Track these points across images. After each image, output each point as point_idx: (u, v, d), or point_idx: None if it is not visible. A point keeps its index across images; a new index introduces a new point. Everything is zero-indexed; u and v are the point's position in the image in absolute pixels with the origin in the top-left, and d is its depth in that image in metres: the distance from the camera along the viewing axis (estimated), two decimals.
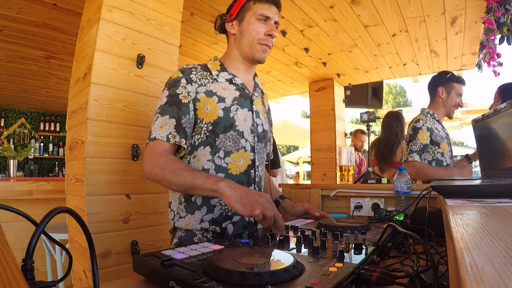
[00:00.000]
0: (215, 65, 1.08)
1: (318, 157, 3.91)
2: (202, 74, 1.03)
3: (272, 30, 1.04)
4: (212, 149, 0.99)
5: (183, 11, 1.62)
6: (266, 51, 1.06)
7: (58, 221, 2.04)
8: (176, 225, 1.00)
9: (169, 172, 0.88)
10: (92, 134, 1.24)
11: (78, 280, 1.30)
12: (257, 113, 1.08)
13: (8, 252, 0.26)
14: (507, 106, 0.97)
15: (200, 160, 0.99)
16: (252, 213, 0.75)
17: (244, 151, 1.02)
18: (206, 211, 0.97)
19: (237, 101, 1.03)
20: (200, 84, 1.01)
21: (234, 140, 1.00)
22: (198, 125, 1.00)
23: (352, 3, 2.26)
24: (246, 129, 1.03)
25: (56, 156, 6.15)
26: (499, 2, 1.91)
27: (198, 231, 0.98)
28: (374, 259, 0.64)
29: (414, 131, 2.02)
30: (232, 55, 1.10)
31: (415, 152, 1.97)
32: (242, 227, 1.01)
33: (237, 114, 1.02)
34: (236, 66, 1.10)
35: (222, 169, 0.99)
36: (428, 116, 2.05)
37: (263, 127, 1.10)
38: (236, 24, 1.07)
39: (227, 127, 0.99)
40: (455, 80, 2.04)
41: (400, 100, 23.81)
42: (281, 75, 3.81)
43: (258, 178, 1.06)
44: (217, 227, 0.97)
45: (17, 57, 3.27)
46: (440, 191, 0.78)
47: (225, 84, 1.05)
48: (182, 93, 0.98)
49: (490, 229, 0.30)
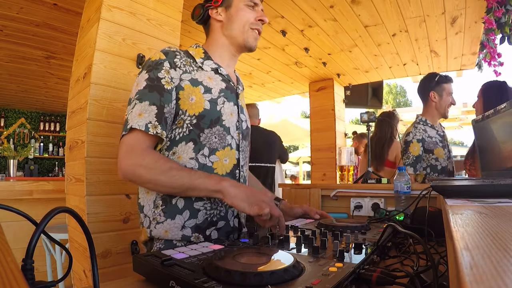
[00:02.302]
0: (198, 53, 0.99)
1: (318, 157, 3.91)
2: (186, 60, 0.94)
3: (262, 16, 1.02)
4: (196, 146, 0.89)
5: (183, 11, 1.62)
6: (257, 37, 1.03)
7: (58, 221, 2.04)
8: (153, 233, 0.87)
9: (160, 173, 0.79)
10: (92, 134, 1.23)
11: (78, 280, 1.30)
12: (242, 108, 1.02)
13: (8, 252, 0.26)
14: (507, 106, 0.97)
15: (180, 157, 0.88)
16: (260, 212, 0.74)
17: (230, 149, 0.94)
18: (188, 216, 0.87)
19: (223, 93, 0.95)
20: (184, 71, 0.91)
21: (220, 136, 0.91)
22: (180, 117, 0.88)
23: (352, 3, 2.25)
24: (232, 124, 0.95)
25: (56, 156, 6.15)
26: (500, 2, 1.90)
27: (179, 242, 0.87)
28: (374, 259, 0.64)
29: (405, 145, 2.11)
30: (218, 43, 1.03)
31: (408, 165, 2.06)
32: (226, 233, 0.93)
33: (224, 108, 0.93)
34: (220, 55, 1.03)
35: (206, 168, 0.89)
36: (419, 126, 2.10)
37: (247, 124, 1.05)
38: (222, 11, 1.01)
39: (213, 121, 0.90)
40: (444, 81, 2.09)
41: (400, 100, 23.80)
42: (281, 75, 3.81)
43: (242, 179, 0.99)
44: (201, 235, 0.88)
45: (17, 57, 3.27)
46: (440, 191, 0.78)
47: (211, 74, 0.97)
48: (164, 77, 0.86)
49: (490, 229, 0.30)
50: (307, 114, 8.86)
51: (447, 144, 2.14)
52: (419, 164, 2.06)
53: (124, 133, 0.82)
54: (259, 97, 4.84)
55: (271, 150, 2.99)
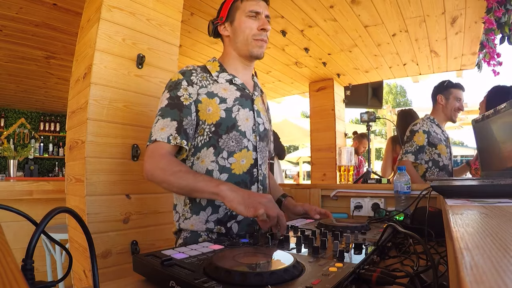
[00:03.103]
0: (214, 66, 1.09)
1: (318, 157, 3.91)
2: (203, 75, 1.04)
3: (264, 24, 1.05)
4: (216, 150, 0.99)
5: (183, 11, 1.62)
6: (262, 46, 1.06)
7: (58, 221, 2.04)
8: (181, 226, 1.01)
9: (170, 174, 0.88)
10: (92, 134, 1.23)
11: (78, 280, 1.30)
12: (258, 112, 1.09)
13: (8, 252, 0.26)
14: (507, 106, 0.97)
15: (203, 162, 1.00)
16: (255, 213, 0.76)
17: (247, 150, 1.03)
18: (211, 212, 0.98)
19: (238, 101, 1.04)
20: (201, 86, 1.01)
21: (236, 140, 1.01)
22: (201, 127, 1.00)
23: (352, 3, 2.25)
24: (248, 128, 1.04)
25: (56, 156, 6.15)
26: (499, 2, 1.91)
27: (203, 232, 0.98)
28: (374, 259, 0.64)
29: (411, 133, 2.20)
30: (230, 56, 1.10)
31: (410, 152, 2.14)
32: (247, 225, 1.02)
33: (238, 114, 1.02)
34: (235, 67, 1.10)
35: (225, 169, 0.99)
36: (427, 120, 2.23)
37: (264, 126, 1.11)
38: (228, 26, 1.08)
39: (229, 127, 1.00)
40: (452, 86, 2.24)
41: (400, 100, 23.80)
42: (281, 75, 3.81)
43: (261, 176, 1.07)
44: (222, 227, 0.98)
45: (17, 57, 3.26)
46: (440, 191, 0.78)
47: (226, 85, 1.05)
48: (183, 95, 0.98)
49: (490, 229, 0.31)
50: (307, 114, 8.86)
51: (450, 147, 2.24)
52: (421, 154, 2.13)
53: (149, 143, 0.95)
54: None
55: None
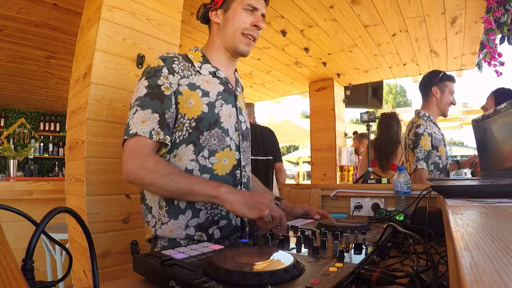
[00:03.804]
0: (197, 56, 1.01)
1: (318, 157, 3.91)
2: (184, 64, 0.95)
3: (259, 21, 0.99)
4: (196, 148, 0.91)
5: (183, 11, 1.62)
6: (250, 44, 1.00)
7: (58, 221, 2.04)
8: (157, 233, 0.90)
9: (160, 177, 0.81)
10: (92, 134, 1.23)
11: (78, 280, 1.30)
12: (240, 109, 1.03)
13: (8, 252, 0.26)
14: (507, 106, 0.97)
15: (181, 160, 0.91)
16: (261, 214, 0.74)
17: (229, 150, 0.96)
18: (191, 216, 0.89)
19: (221, 96, 0.97)
20: (182, 76, 0.93)
21: (219, 138, 0.93)
22: (180, 121, 0.91)
23: (352, 3, 2.25)
24: (230, 126, 0.97)
25: (56, 156, 6.15)
26: (499, 2, 1.90)
27: (183, 240, 0.90)
28: (374, 259, 0.64)
29: (416, 137, 1.99)
30: (215, 46, 1.03)
31: (422, 159, 1.95)
32: (229, 231, 0.95)
33: (222, 110, 0.95)
34: (218, 58, 1.03)
35: (207, 169, 0.91)
36: (427, 121, 2.02)
37: (246, 125, 1.06)
38: (220, 13, 1.01)
39: (211, 124, 0.92)
40: (447, 79, 2.05)
41: (400, 100, 23.80)
42: (281, 75, 3.81)
43: (245, 178, 1.01)
44: (203, 234, 0.90)
45: (17, 57, 3.27)
46: (440, 191, 0.78)
47: (209, 77, 0.98)
48: (164, 84, 0.89)
49: (490, 229, 0.30)
50: (307, 114, 8.85)
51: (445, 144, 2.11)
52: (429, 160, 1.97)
53: (127, 137, 0.85)
54: (259, 97, 4.84)
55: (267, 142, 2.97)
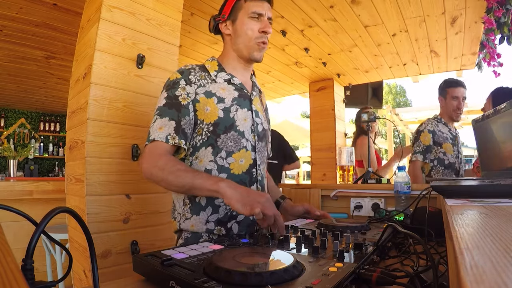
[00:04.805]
0: (213, 66, 1.08)
1: (318, 157, 3.91)
2: (201, 74, 1.04)
3: (266, 27, 1.03)
4: (214, 150, 0.99)
5: (183, 11, 1.62)
6: (263, 49, 1.06)
7: (58, 221, 2.04)
8: (181, 226, 1.00)
9: (169, 173, 0.88)
10: (92, 134, 1.23)
11: (78, 280, 1.30)
12: (256, 112, 1.09)
13: (8, 252, 0.26)
14: (507, 106, 0.97)
15: (202, 161, 0.99)
16: (252, 212, 0.76)
17: (246, 150, 1.02)
18: (211, 212, 0.98)
19: (236, 101, 1.03)
20: (199, 85, 1.01)
21: (235, 140, 1.00)
22: (199, 126, 1.00)
23: (352, 3, 2.25)
24: (246, 128, 1.03)
25: (56, 156, 6.14)
26: (499, 2, 1.90)
27: (204, 233, 0.98)
28: (374, 259, 0.64)
29: (417, 134, 2.30)
30: (229, 55, 1.10)
31: (418, 152, 2.24)
32: (247, 225, 1.01)
33: (237, 114, 1.02)
34: (233, 66, 1.10)
35: (224, 169, 0.99)
36: (432, 120, 2.32)
37: (263, 126, 1.11)
38: (229, 25, 1.07)
39: (227, 127, 1.00)
40: (447, 86, 2.31)
41: (400, 100, 23.81)
42: (281, 75, 3.81)
43: (260, 177, 1.07)
44: (223, 228, 0.98)
45: (17, 57, 3.26)
46: (440, 191, 0.78)
47: (224, 85, 1.05)
48: (181, 95, 0.98)
49: (490, 229, 0.31)
50: (307, 114, 8.85)
51: (458, 145, 2.30)
52: (428, 154, 2.21)
53: (147, 143, 0.95)
54: None
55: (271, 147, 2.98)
